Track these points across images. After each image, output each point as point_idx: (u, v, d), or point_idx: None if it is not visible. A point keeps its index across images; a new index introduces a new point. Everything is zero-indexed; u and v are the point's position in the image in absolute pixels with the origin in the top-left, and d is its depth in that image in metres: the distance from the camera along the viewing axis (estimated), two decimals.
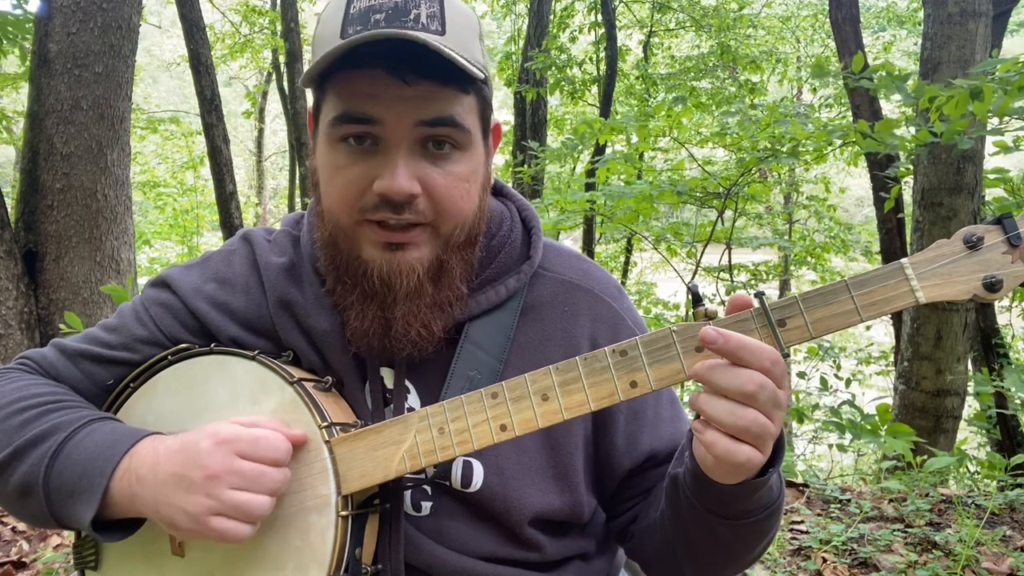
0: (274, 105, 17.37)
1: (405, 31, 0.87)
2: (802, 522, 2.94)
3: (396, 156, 0.91)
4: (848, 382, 5.67)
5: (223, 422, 0.92)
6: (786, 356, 0.82)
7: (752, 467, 0.82)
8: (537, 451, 1.03)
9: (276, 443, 0.89)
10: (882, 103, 5.34)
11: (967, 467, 4.47)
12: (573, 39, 10.62)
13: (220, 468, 0.86)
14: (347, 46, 0.87)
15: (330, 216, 0.97)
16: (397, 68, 0.88)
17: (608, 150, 8.44)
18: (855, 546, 2.70)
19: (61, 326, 2.84)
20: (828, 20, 7.20)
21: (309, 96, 1.02)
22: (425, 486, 1.02)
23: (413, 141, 0.91)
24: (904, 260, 0.81)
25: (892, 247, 5.80)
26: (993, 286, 0.79)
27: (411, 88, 0.89)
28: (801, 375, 6.20)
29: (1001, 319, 5.84)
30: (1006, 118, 2.93)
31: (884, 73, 3.32)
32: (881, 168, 5.34)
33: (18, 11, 4.79)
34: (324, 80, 0.94)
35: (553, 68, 9.14)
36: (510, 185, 1.22)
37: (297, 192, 13.69)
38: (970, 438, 5.94)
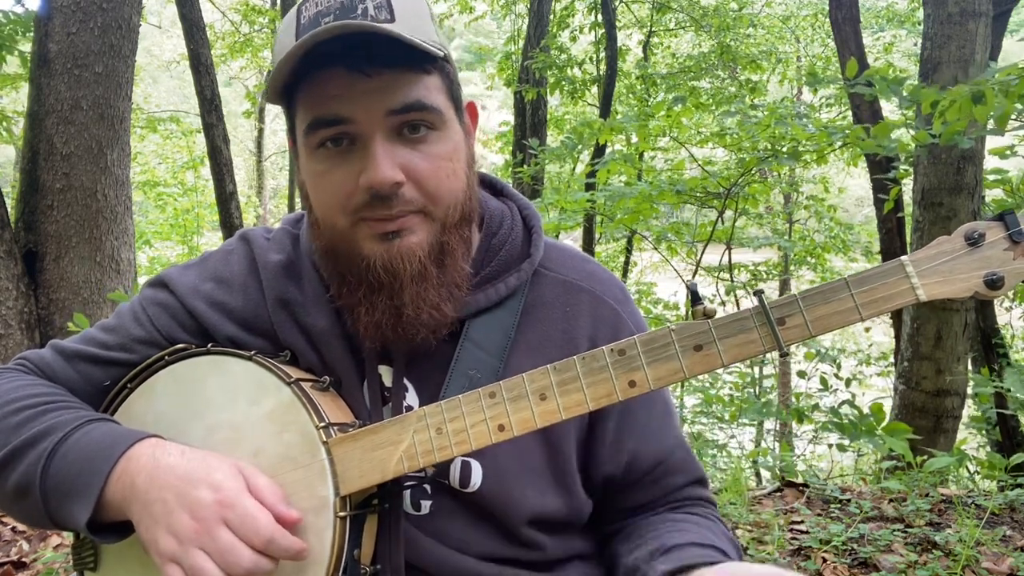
0: (274, 105, 17.33)
1: (351, 21, 0.87)
2: (802, 522, 2.94)
3: (374, 147, 0.91)
4: (848, 382, 5.67)
5: (232, 471, 0.89)
6: (785, 355, 0.82)
7: None
8: (536, 451, 1.03)
9: (261, 529, 0.85)
10: (882, 103, 5.34)
11: (967, 467, 4.46)
12: (573, 39, 10.61)
13: (203, 527, 0.85)
14: (300, 50, 0.87)
15: (325, 223, 0.97)
16: (354, 61, 0.89)
17: (608, 150, 8.44)
18: (855, 546, 2.69)
19: (69, 325, 2.84)
20: (828, 20, 7.19)
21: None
22: (425, 485, 1.02)
23: (387, 130, 0.92)
24: (904, 257, 0.81)
25: (892, 247, 5.80)
26: (994, 283, 0.78)
27: (373, 79, 0.89)
28: (801, 375, 6.19)
29: (1001, 319, 5.84)
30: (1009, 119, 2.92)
31: (881, 78, 3.31)
32: (881, 168, 5.34)
33: (19, 7, 4.78)
34: (290, 94, 0.95)
35: (553, 68, 9.14)
36: (510, 185, 1.22)
37: (297, 192, 13.67)
38: (970, 438, 5.93)
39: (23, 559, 2.72)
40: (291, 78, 0.91)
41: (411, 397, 1.03)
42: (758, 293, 0.83)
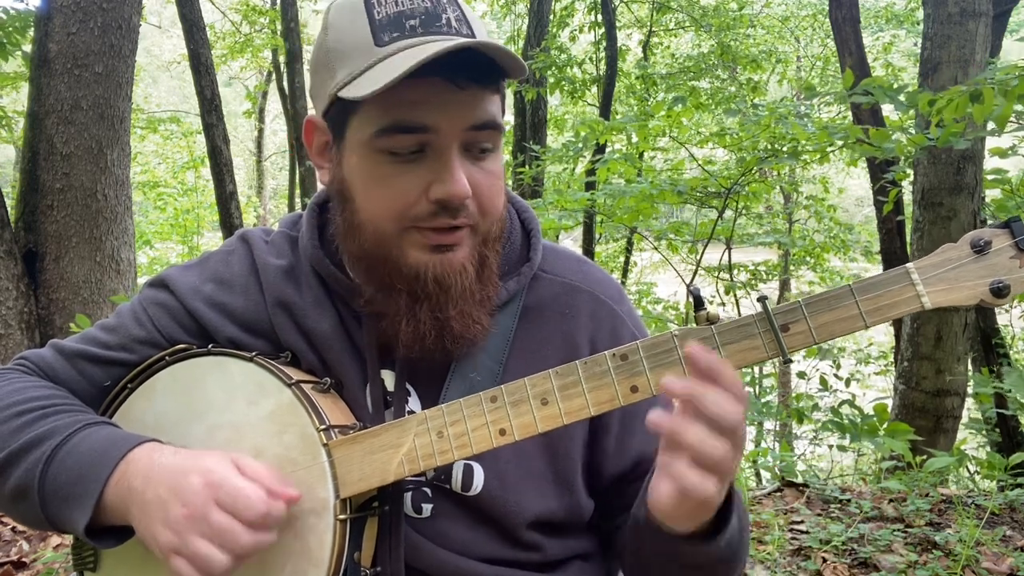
0: (274, 105, 17.36)
1: (485, 41, 0.86)
2: (802, 522, 2.94)
3: (451, 161, 0.90)
4: (848, 382, 5.67)
5: (221, 457, 0.89)
6: (789, 362, 0.82)
7: (710, 508, 0.81)
8: (537, 454, 1.03)
9: (253, 504, 0.85)
10: (882, 104, 5.34)
11: (967, 467, 4.46)
12: (573, 39, 10.61)
13: (196, 512, 0.85)
14: (434, 56, 0.83)
15: (373, 227, 0.95)
16: (452, 74, 0.87)
17: (608, 149, 8.44)
18: (855, 546, 2.69)
19: (71, 326, 2.83)
20: (828, 20, 7.19)
21: (309, 99, 1.01)
22: (425, 488, 1.02)
23: (460, 145, 0.91)
24: (910, 265, 0.80)
25: (892, 247, 5.80)
26: (1000, 291, 0.78)
27: (462, 92, 0.88)
28: (801, 375, 6.19)
29: (1001, 319, 5.84)
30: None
31: (878, 87, 3.32)
32: (880, 170, 5.34)
33: (20, 4, 4.78)
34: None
35: (553, 68, 9.14)
36: (510, 186, 1.22)
37: (297, 192, 13.68)
38: (970, 438, 5.93)
39: (23, 559, 2.72)
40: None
41: (414, 402, 1.03)
42: (762, 299, 0.83)
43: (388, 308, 0.97)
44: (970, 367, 5.10)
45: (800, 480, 3.52)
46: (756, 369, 5.88)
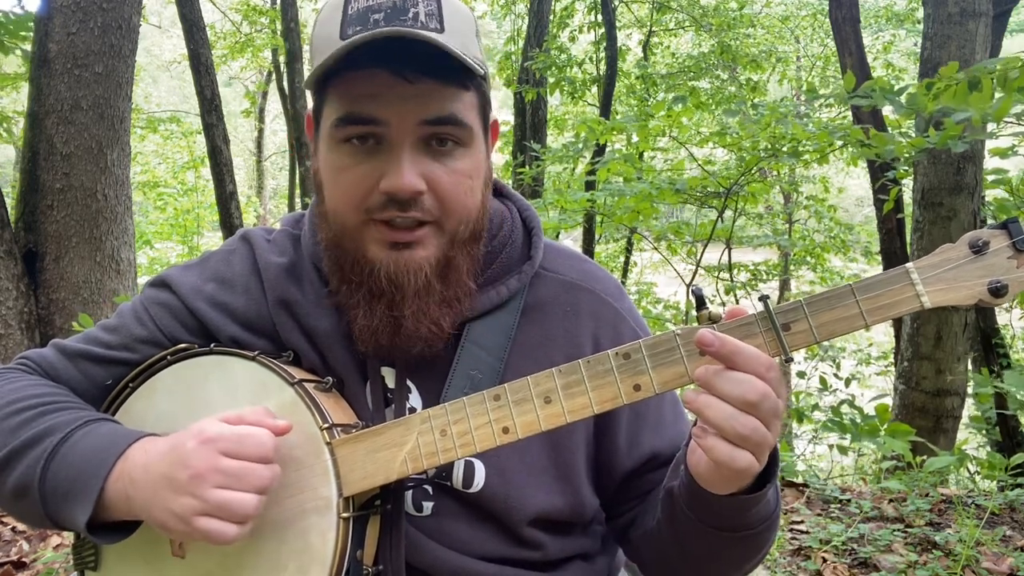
0: (274, 105, 17.37)
1: (404, 29, 0.87)
2: (802, 522, 2.94)
3: (401, 154, 0.90)
4: (848, 382, 5.68)
5: (209, 419, 0.91)
6: (789, 360, 0.82)
7: (749, 475, 0.82)
8: (539, 451, 1.03)
9: (262, 439, 0.88)
10: (882, 107, 5.34)
11: (967, 467, 4.46)
12: (573, 39, 10.61)
13: (204, 467, 0.85)
14: (349, 47, 0.86)
15: (335, 217, 0.97)
16: (399, 67, 0.88)
17: (608, 149, 8.44)
18: (855, 546, 2.69)
19: (74, 325, 2.83)
20: (828, 20, 7.19)
21: (309, 97, 1.02)
22: (426, 486, 1.02)
23: (417, 139, 0.91)
24: (909, 265, 0.81)
25: (892, 247, 5.80)
26: (998, 291, 0.79)
27: (413, 87, 0.89)
28: (801, 375, 6.20)
29: (1001, 319, 5.84)
30: (1002, 122, 2.92)
31: (880, 89, 3.32)
32: (881, 169, 5.34)
33: (18, 10, 4.79)
34: (325, 82, 0.94)
35: (553, 68, 9.14)
36: (510, 185, 1.22)
37: (297, 192, 13.68)
38: (970, 438, 5.94)
39: (23, 559, 2.72)
40: (330, 71, 0.90)
41: (414, 399, 1.03)
42: (763, 299, 0.83)
43: (349, 301, 0.99)
44: (970, 367, 5.10)
45: (800, 480, 3.52)
46: None
